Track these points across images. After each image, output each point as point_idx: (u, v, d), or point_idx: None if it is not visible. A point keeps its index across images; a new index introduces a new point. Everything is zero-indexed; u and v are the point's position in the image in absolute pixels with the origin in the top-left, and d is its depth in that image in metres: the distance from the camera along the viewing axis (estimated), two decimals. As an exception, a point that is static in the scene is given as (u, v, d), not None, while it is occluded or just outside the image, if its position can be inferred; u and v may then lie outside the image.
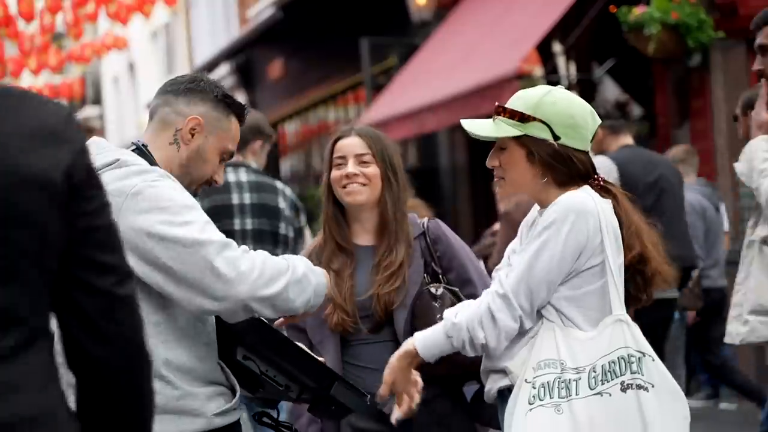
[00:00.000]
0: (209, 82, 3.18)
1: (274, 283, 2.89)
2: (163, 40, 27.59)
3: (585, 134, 3.24)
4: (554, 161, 3.20)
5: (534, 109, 3.21)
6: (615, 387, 3.09)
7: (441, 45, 13.26)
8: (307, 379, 3.18)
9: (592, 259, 3.16)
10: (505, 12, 12.22)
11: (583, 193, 3.18)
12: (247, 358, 3.11)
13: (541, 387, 3.10)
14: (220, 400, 3.00)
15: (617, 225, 3.21)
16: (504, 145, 3.24)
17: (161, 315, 2.95)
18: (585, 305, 3.17)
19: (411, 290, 3.74)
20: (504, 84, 10.15)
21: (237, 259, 2.87)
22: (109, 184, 2.94)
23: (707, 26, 9.76)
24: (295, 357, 3.16)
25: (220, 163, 3.17)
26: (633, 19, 9.80)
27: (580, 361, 3.11)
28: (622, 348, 3.12)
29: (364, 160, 3.81)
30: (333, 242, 3.85)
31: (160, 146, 3.11)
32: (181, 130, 3.11)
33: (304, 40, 17.93)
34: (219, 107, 3.15)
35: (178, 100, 3.13)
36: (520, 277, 3.15)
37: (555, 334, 3.14)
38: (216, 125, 3.13)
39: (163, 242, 2.86)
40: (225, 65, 21.68)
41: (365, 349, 3.80)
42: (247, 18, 20.50)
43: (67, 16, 10.49)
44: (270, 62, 20.19)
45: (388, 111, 12.94)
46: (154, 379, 2.90)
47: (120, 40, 12.79)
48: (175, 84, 3.17)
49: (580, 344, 3.12)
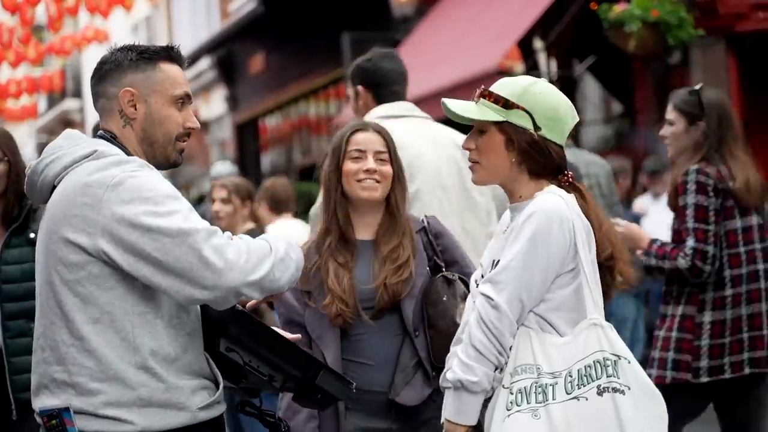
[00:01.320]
0: (116, 55, 3.10)
1: (260, 267, 2.89)
2: (144, 34, 27.52)
3: (564, 129, 3.24)
4: (532, 151, 3.20)
5: (519, 97, 3.21)
6: (591, 391, 3.09)
7: (422, 41, 13.27)
8: (292, 369, 3.18)
9: (569, 264, 3.17)
10: (486, 8, 12.25)
11: (557, 197, 3.17)
12: (231, 350, 3.11)
13: (519, 392, 3.10)
14: (204, 393, 3.00)
15: (585, 218, 3.21)
16: (484, 128, 3.24)
17: (145, 306, 2.95)
18: (563, 307, 3.17)
19: (417, 281, 3.78)
20: (485, 80, 10.13)
21: (224, 247, 2.86)
22: (88, 175, 2.94)
23: (687, 24, 9.80)
24: (279, 347, 3.16)
25: (183, 109, 3.10)
26: (613, 17, 9.83)
27: (556, 366, 3.11)
28: (598, 352, 3.11)
29: (382, 158, 3.85)
30: (338, 234, 3.86)
31: (119, 134, 3.07)
32: (123, 110, 3.07)
33: (286, 34, 17.91)
34: (139, 66, 3.07)
35: (103, 85, 3.09)
36: (512, 294, 3.13)
37: (531, 339, 3.14)
38: (147, 84, 3.07)
39: (149, 233, 2.85)
40: (206, 59, 21.64)
41: (365, 345, 3.81)
42: (228, 12, 20.47)
43: (49, 9, 10.45)
44: (251, 56, 20.16)
45: (369, 106, 12.94)
46: (141, 371, 2.92)
47: (101, 33, 12.74)
48: (94, 74, 3.14)
49: (556, 349, 3.12)
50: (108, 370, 2.90)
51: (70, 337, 2.93)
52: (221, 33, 20.60)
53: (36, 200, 3.11)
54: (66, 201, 2.93)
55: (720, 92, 5.15)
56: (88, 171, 2.94)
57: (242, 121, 21.44)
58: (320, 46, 16.32)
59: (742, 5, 9.92)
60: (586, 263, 3.16)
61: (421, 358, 3.76)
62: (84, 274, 2.91)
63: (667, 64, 10.43)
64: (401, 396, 3.74)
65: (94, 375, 2.91)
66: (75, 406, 2.91)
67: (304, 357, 3.22)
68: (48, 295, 2.97)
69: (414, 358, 3.77)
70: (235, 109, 21.58)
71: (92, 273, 2.91)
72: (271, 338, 3.16)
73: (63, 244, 2.92)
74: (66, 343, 2.93)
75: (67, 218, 2.92)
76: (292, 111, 19.36)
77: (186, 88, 3.13)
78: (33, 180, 3.05)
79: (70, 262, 2.91)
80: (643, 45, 9.86)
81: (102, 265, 2.90)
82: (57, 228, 2.93)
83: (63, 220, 2.92)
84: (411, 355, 3.77)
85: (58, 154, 3.02)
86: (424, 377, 3.77)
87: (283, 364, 3.15)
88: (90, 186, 2.91)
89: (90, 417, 2.91)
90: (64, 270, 2.92)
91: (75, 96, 32.84)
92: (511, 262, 3.14)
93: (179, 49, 3.15)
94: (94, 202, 2.89)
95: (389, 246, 3.81)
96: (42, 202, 3.07)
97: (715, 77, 10.02)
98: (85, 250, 2.90)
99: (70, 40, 12.86)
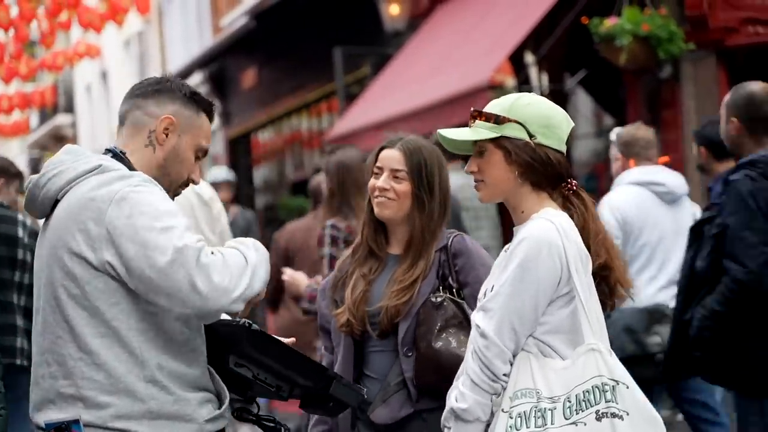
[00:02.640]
0: (176, 82, 3.18)
1: (240, 282, 2.94)
2: (136, 49, 27.53)
3: (560, 134, 3.26)
4: (532, 161, 3.22)
5: (509, 111, 3.24)
6: (590, 416, 3.09)
7: (414, 55, 13.30)
8: (302, 379, 3.21)
9: (563, 289, 3.17)
10: (478, 23, 12.28)
11: (547, 223, 3.18)
12: (240, 365, 3.14)
13: (518, 417, 3.10)
14: (209, 406, 3.04)
15: (581, 241, 3.22)
16: (482, 149, 3.27)
17: (149, 321, 2.97)
18: (561, 330, 3.18)
19: (418, 302, 3.77)
20: (476, 94, 10.18)
21: (210, 268, 2.89)
22: (92, 190, 2.97)
23: (678, 38, 9.83)
24: (291, 361, 3.20)
25: (195, 161, 3.18)
26: (604, 31, 9.86)
27: (556, 391, 3.11)
28: (596, 377, 3.12)
29: (398, 176, 3.84)
30: (366, 246, 3.90)
31: (136, 149, 3.11)
32: (155, 131, 3.11)
33: (278, 49, 17.94)
34: (189, 105, 3.15)
35: (147, 102, 3.13)
36: (501, 321, 3.14)
37: (530, 363, 3.14)
38: (188, 123, 3.14)
39: (144, 249, 2.89)
40: (198, 74, 21.65)
41: (374, 358, 3.85)
42: (220, 27, 20.49)
43: (41, 25, 10.46)
44: (243, 71, 20.18)
45: (361, 121, 12.97)
46: (149, 384, 2.94)
47: (93, 48, 12.75)
48: (143, 87, 3.17)
49: (555, 374, 3.13)
50: (118, 383, 2.93)
51: (77, 351, 2.95)
52: (213, 48, 20.62)
53: (37, 215, 3.13)
54: (71, 216, 2.96)
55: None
56: (92, 186, 2.97)
57: (235, 135, 21.45)
58: (312, 61, 16.35)
59: (732, 19, 9.96)
60: (581, 287, 3.17)
61: (405, 378, 3.76)
62: (90, 288, 2.93)
63: (658, 78, 10.45)
64: (375, 413, 3.77)
65: (104, 388, 2.93)
66: (85, 419, 2.93)
67: (316, 368, 3.27)
68: (54, 310, 2.98)
69: (399, 377, 3.78)
70: (227, 124, 21.59)
71: (98, 288, 2.93)
72: (282, 353, 3.20)
73: (69, 259, 2.94)
74: (74, 357, 2.95)
75: (73, 233, 2.94)
76: (285, 125, 19.37)
77: (208, 145, 3.23)
78: (34, 194, 3.07)
79: (76, 276, 2.94)
80: (633, 59, 9.89)
81: (108, 280, 2.93)
82: (63, 242, 2.96)
83: (68, 234, 2.95)
84: (397, 374, 3.78)
85: (60, 169, 3.04)
86: (406, 397, 3.77)
87: (293, 374, 3.19)
88: (94, 200, 2.94)
89: (100, 430, 2.94)
90: (71, 284, 2.95)
91: (67, 111, 32.84)
92: (501, 288, 3.17)
93: (216, 109, 3.26)
94: (98, 216, 2.92)
95: (402, 266, 3.82)
96: (42, 216, 3.09)
97: (706, 91, 10.05)
98: (91, 265, 2.93)
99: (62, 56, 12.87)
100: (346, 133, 13.05)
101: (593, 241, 3.25)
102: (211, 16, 21.89)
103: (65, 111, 32.78)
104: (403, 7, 13.78)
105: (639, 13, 9.85)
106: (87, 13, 10.36)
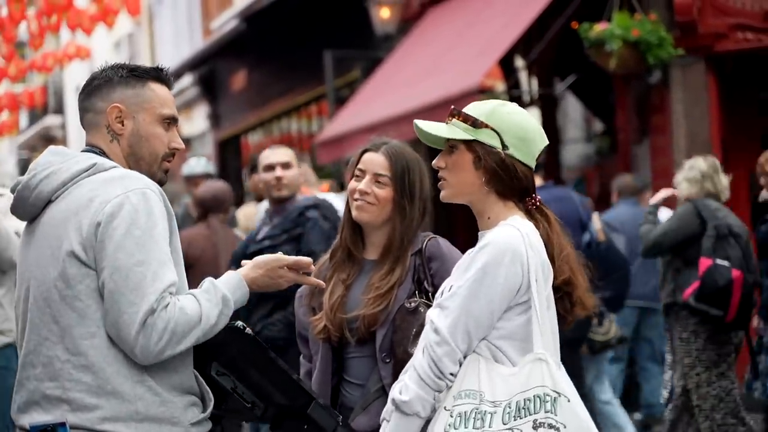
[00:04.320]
0: (107, 72, 3.15)
1: (179, 345, 2.94)
2: (126, 51, 27.50)
3: (533, 150, 3.27)
4: (499, 170, 3.23)
5: (487, 116, 3.25)
6: (527, 424, 3.09)
7: (404, 59, 13.31)
8: (281, 396, 3.19)
9: (521, 297, 3.18)
10: (468, 27, 12.29)
11: (513, 230, 3.19)
12: (221, 374, 3.13)
13: (458, 416, 3.11)
14: (194, 409, 3.03)
15: (544, 252, 3.23)
16: (454, 147, 3.27)
17: None
18: (515, 337, 3.19)
19: (394, 308, 3.74)
20: (466, 98, 10.19)
21: (152, 332, 2.90)
22: (91, 191, 2.97)
23: (667, 43, 9.86)
24: (273, 371, 3.18)
25: (170, 130, 3.15)
26: (594, 36, 9.88)
27: (498, 396, 3.12)
28: (539, 387, 3.12)
29: (380, 181, 3.80)
30: (346, 250, 3.86)
31: (106, 149, 3.11)
32: (110, 125, 3.10)
33: (268, 51, 17.93)
34: (130, 84, 3.12)
35: (91, 101, 3.13)
36: (456, 321, 3.15)
37: (479, 366, 3.16)
38: (137, 101, 3.11)
39: (117, 270, 2.91)
40: (188, 76, 21.64)
41: (353, 363, 3.82)
42: (210, 29, 20.47)
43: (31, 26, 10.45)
44: (233, 74, 20.17)
45: (350, 124, 12.97)
46: (137, 384, 2.94)
47: (83, 49, 12.74)
48: (83, 89, 3.18)
49: (501, 379, 3.14)
50: (106, 384, 2.92)
51: (65, 352, 2.94)
52: (203, 50, 20.60)
53: (24, 216, 3.12)
54: (69, 216, 2.96)
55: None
56: (91, 186, 2.97)
57: (224, 138, 21.43)
58: (302, 64, 16.34)
59: (721, 25, 9.98)
60: (539, 298, 3.17)
61: (384, 384, 3.74)
62: (82, 287, 2.93)
63: (648, 83, 10.47)
64: (355, 421, 3.75)
65: (91, 390, 2.93)
66: (71, 421, 2.93)
67: (296, 386, 3.23)
68: (43, 311, 2.98)
69: (378, 383, 3.76)
70: (217, 126, 21.58)
71: (89, 287, 2.93)
72: (268, 363, 3.17)
73: (64, 259, 2.94)
74: (61, 359, 2.94)
75: (68, 232, 2.95)
76: (275, 128, 19.36)
77: (173, 109, 3.17)
78: (24, 195, 3.06)
79: (69, 276, 2.94)
80: (623, 64, 9.92)
81: (97, 278, 2.93)
82: (59, 242, 2.96)
83: (65, 234, 2.96)
84: (377, 381, 3.77)
85: (52, 170, 3.03)
86: (385, 404, 3.77)
87: (273, 389, 3.16)
88: (92, 201, 2.95)
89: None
90: (63, 285, 2.95)
91: (57, 112, 32.78)
92: (460, 289, 3.18)
93: (168, 70, 3.19)
94: (92, 218, 2.93)
95: (379, 273, 3.79)
96: (29, 218, 3.08)
97: (695, 96, 10.08)
98: (83, 263, 2.93)
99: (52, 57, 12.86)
100: (336, 136, 13.05)
101: (557, 257, 3.27)
102: (202, 18, 21.88)
103: (55, 112, 32.72)
104: (393, 10, 13.79)
105: (629, 18, 9.88)
106: (77, 14, 10.35)
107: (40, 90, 14.94)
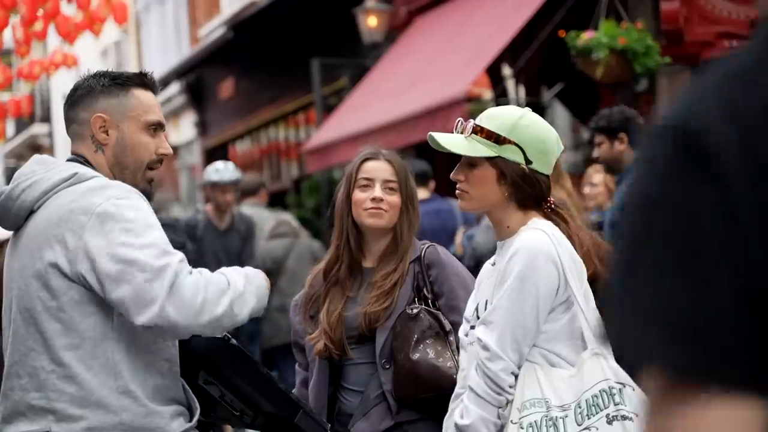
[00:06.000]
0: (89, 81, 3.13)
1: (215, 309, 2.89)
2: (114, 59, 27.45)
3: (551, 159, 3.30)
4: (523, 183, 3.25)
5: (510, 132, 3.25)
6: (601, 420, 3.10)
7: (392, 67, 13.31)
8: (269, 405, 3.18)
9: (561, 296, 3.19)
10: (455, 35, 12.30)
11: (540, 233, 3.20)
12: (209, 383, 3.13)
13: (529, 426, 3.10)
14: (180, 419, 3.02)
15: (572, 249, 3.24)
16: (474, 162, 3.27)
17: (122, 333, 2.95)
18: (563, 337, 3.19)
19: (395, 313, 3.75)
20: (453, 106, 10.21)
21: (183, 291, 2.85)
22: (72, 201, 2.95)
23: (654, 52, 9.89)
24: (260, 381, 3.17)
25: (155, 137, 3.12)
26: (581, 44, 9.90)
27: (565, 399, 3.12)
28: (603, 381, 3.13)
29: (391, 187, 3.84)
30: (349, 262, 3.85)
31: (90, 159, 3.10)
32: (94, 135, 3.09)
33: (255, 59, 17.93)
34: (113, 92, 3.10)
35: (75, 112, 3.12)
36: (503, 333, 3.14)
37: (537, 373, 3.15)
38: (120, 110, 3.09)
39: (123, 264, 2.87)
40: (176, 84, 21.61)
41: (351, 370, 3.83)
42: (198, 37, 20.46)
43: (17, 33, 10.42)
44: (221, 82, 20.15)
45: (338, 132, 12.96)
46: (122, 396, 2.92)
47: (70, 57, 12.70)
48: (67, 100, 3.17)
49: (563, 382, 3.14)
50: (90, 395, 2.91)
51: (50, 363, 2.93)
52: (191, 58, 20.58)
53: (9, 226, 3.10)
54: (50, 226, 2.94)
55: None
56: (72, 197, 2.95)
57: (212, 146, 21.40)
58: (290, 72, 16.34)
59: (708, 33, 10.02)
60: (578, 293, 3.18)
61: (384, 390, 3.75)
62: (66, 299, 2.91)
63: (634, 92, 10.50)
64: (355, 428, 3.75)
65: (76, 401, 2.91)
66: (55, 431, 2.91)
67: (283, 395, 3.23)
68: (27, 321, 2.96)
69: (378, 390, 3.76)
70: (204, 134, 21.55)
71: (73, 299, 2.91)
72: (255, 373, 3.17)
73: (45, 270, 2.92)
74: (46, 370, 2.93)
75: (51, 244, 2.93)
76: (262, 136, 19.35)
77: (159, 115, 3.15)
78: (8, 205, 3.04)
79: (52, 287, 2.92)
80: (610, 72, 9.94)
81: (82, 290, 2.91)
82: (40, 254, 2.94)
83: (47, 245, 2.93)
84: (376, 387, 3.77)
85: (34, 179, 3.02)
86: (386, 410, 3.76)
87: (261, 398, 3.16)
88: (74, 212, 2.92)
89: None
90: (46, 296, 2.93)
91: (44, 121, 32.70)
92: (500, 301, 3.17)
93: (152, 75, 3.17)
94: (77, 229, 2.91)
95: (381, 272, 3.80)
96: (13, 228, 3.07)
97: (682, 104, 10.09)
98: (66, 276, 2.91)
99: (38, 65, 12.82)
100: (324, 144, 13.05)
101: (579, 254, 3.28)
102: (189, 26, 21.86)
103: (42, 120, 32.64)
104: (380, 19, 13.79)
105: (616, 26, 9.90)
106: (64, 22, 10.32)
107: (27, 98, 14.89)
